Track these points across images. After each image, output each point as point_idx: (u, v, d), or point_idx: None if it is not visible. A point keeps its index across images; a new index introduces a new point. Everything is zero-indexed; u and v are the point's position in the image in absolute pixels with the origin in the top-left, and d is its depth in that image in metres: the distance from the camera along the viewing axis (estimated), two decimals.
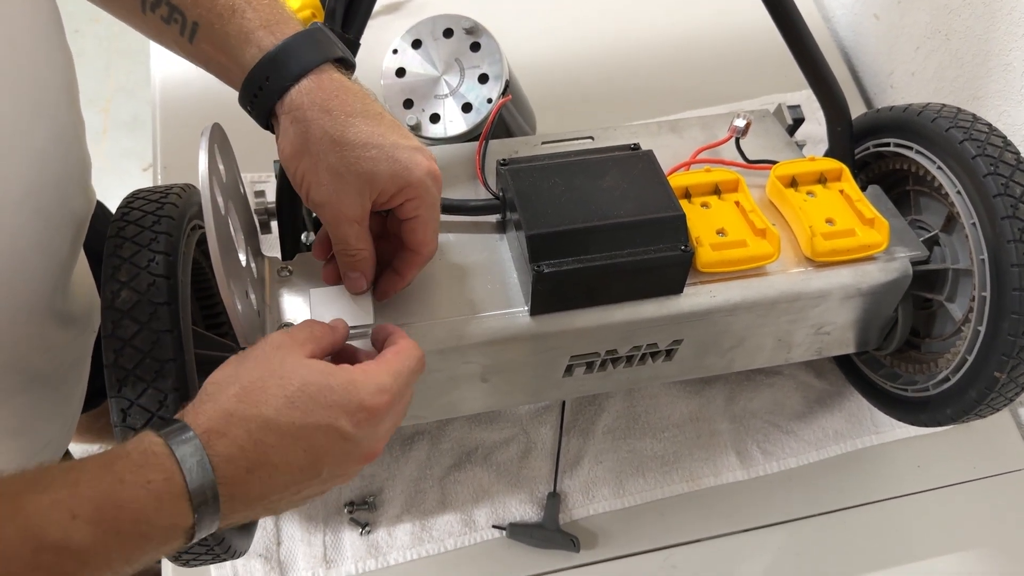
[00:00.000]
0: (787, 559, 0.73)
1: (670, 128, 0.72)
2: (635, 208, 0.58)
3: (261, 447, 0.41)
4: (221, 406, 0.41)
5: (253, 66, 0.50)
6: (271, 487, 0.42)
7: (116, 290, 0.48)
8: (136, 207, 0.53)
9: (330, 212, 0.51)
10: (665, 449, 0.77)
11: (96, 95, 2.11)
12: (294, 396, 0.42)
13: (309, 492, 0.45)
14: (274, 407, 0.42)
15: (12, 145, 0.49)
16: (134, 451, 0.39)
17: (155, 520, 0.38)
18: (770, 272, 0.62)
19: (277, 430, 0.41)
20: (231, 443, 0.40)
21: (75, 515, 0.35)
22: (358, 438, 0.44)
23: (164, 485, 0.38)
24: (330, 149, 0.49)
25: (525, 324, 0.59)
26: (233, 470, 0.40)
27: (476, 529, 0.73)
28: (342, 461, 0.45)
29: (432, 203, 0.52)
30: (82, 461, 0.38)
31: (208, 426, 0.40)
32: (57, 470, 0.37)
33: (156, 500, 0.38)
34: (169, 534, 0.39)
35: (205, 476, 0.39)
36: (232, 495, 0.40)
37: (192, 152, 0.49)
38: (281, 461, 0.42)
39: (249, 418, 0.41)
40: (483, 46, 0.72)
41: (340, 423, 0.43)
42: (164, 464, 0.38)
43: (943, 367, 0.67)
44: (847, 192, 0.65)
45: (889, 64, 1.01)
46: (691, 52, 1.07)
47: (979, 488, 0.78)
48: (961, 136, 0.62)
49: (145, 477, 0.38)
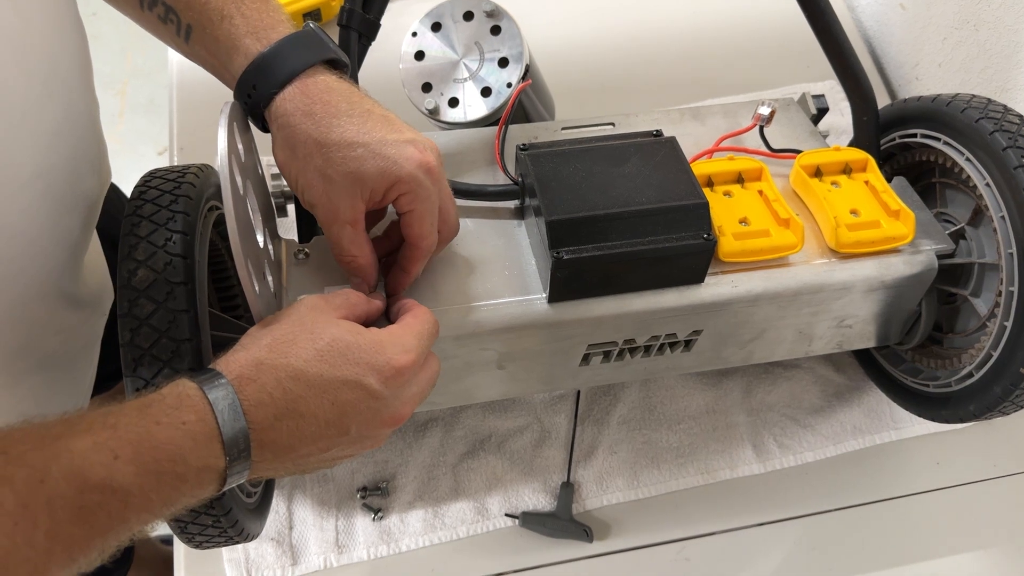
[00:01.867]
0: (802, 554, 0.73)
1: (692, 115, 0.71)
2: (657, 195, 0.57)
3: (290, 396, 0.42)
4: (252, 355, 0.43)
5: (241, 74, 0.50)
6: (299, 438, 0.43)
7: (133, 269, 0.48)
8: (153, 186, 0.53)
9: (322, 213, 0.51)
10: (680, 441, 0.77)
11: (113, 78, 2.12)
12: (323, 350, 0.44)
13: (338, 452, 0.46)
14: (303, 358, 0.43)
15: (23, 124, 0.49)
16: (169, 395, 0.40)
17: (191, 460, 0.39)
18: (793, 263, 0.61)
19: (305, 380, 0.43)
20: (260, 389, 0.42)
21: (116, 455, 0.36)
22: (385, 396, 0.45)
23: (198, 426, 0.39)
24: (315, 152, 0.49)
25: (543, 311, 0.58)
26: (263, 415, 0.41)
27: (489, 517, 0.72)
28: (369, 420, 0.45)
29: (426, 196, 0.51)
30: (119, 406, 0.39)
31: (239, 372, 0.42)
32: (96, 414, 0.38)
33: (191, 440, 0.39)
34: (203, 476, 0.40)
35: (236, 419, 0.40)
36: (262, 441, 0.41)
37: (208, 134, 0.49)
38: (308, 411, 0.43)
39: (279, 367, 0.42)
40: (503, 29, 0.71)
41: (367, 379, 0.44)
42: (197, 406, 0.40)
43: (966, 363, 0.66)
44: (872, 183, 0.64)
45: (915, 55, 0.99)
46: (712, 40, 1.06)
47: (999, 486, 0.77)
48: (991, 127, 0.61)
49: (180, 418, 0.39)
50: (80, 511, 0.35)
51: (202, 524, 0.52)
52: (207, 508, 0.50)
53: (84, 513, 0.35)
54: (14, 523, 0.32)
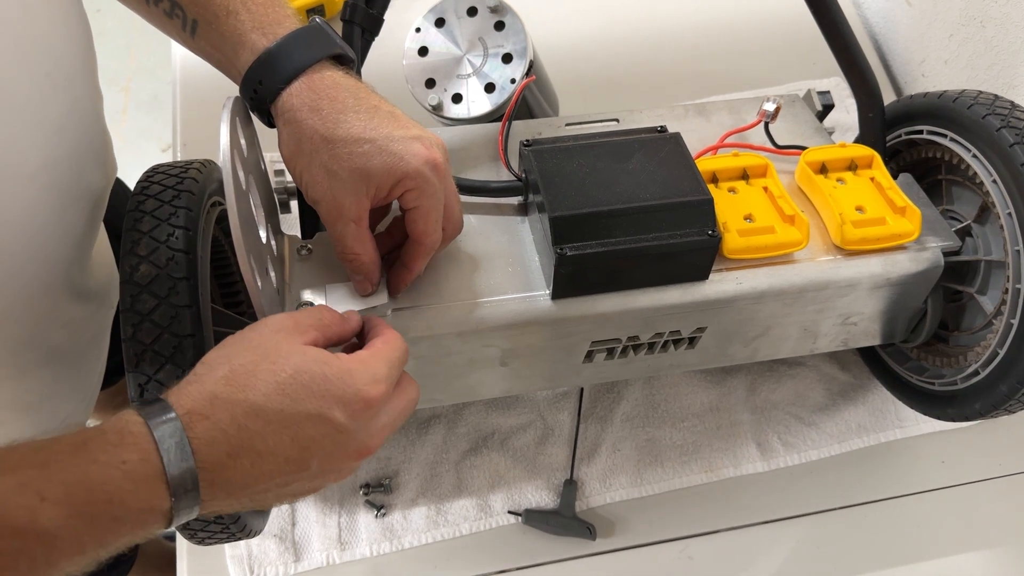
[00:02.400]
0: (806, 552, 0.72)
1: (697, 111, 0.71)
2: (661, 191, 0.56)
3: (245, 433, 0.39)
4: (207, 388, 0.40)
5: (247, 69, 0.49)
6: (255, 476, 0.40)
7: (135, 264, 0.48)
8: (156, 181, 0.52)
9: (326, 210, 0.50)
10: (684, 439, 0.76)
11: (117, 74, 2.12)
12: (285, 382, 0.41)
13: (298, 487, 0.43)
14: (263, 392, 0.40)
15: (27, 117, 0.48)
16: (110, 430, 0.37)
17: (129, 502, 0.36)
18: (798, 260, 0.60)
19: (263, 416, 0.40)
20: (213, 426, 0.39)
21: (43, 497, 0.34)
22: (352, 430, 0.43)
23: (140, 466, 0.36)
24: (322, 148, 0.48)
25: (546, 308, 0.58)
26: (214, 454, 0.38)
27: (492, 514, 0.72)
28: (333, 454, 0.43)
29: (432, 192, 0.51)
30: (53, 440, 0.36)
31: (191, 407, 0.39)
32: (26, 449, 0.35)
33: (131, 482, 0.36)
34: (145, 518, 0.37)
35: (184, 458, 0.37)
36: (212, 480, 0.39)
37: (212, 130, 0.48)
38: (266, 449, 0.40)
39: (235, 402, 0.39)
40: (507, 25, 0.71)
41: (333, 413, 0.41)
42: (140, 444, 0.37)
43: (972, 361, 0.65)
44: (878, 180, 0.64)
45: (921, 52, 0.98)
46: (717, 37, 1.05)
47: (1004, 485, 0.76)
48: (998, 123, 0.60)
49: (120, 457, 0.36)
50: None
51: (204, 520, 0.52)
52: None
53: (4, 559, 0.32)
54: None
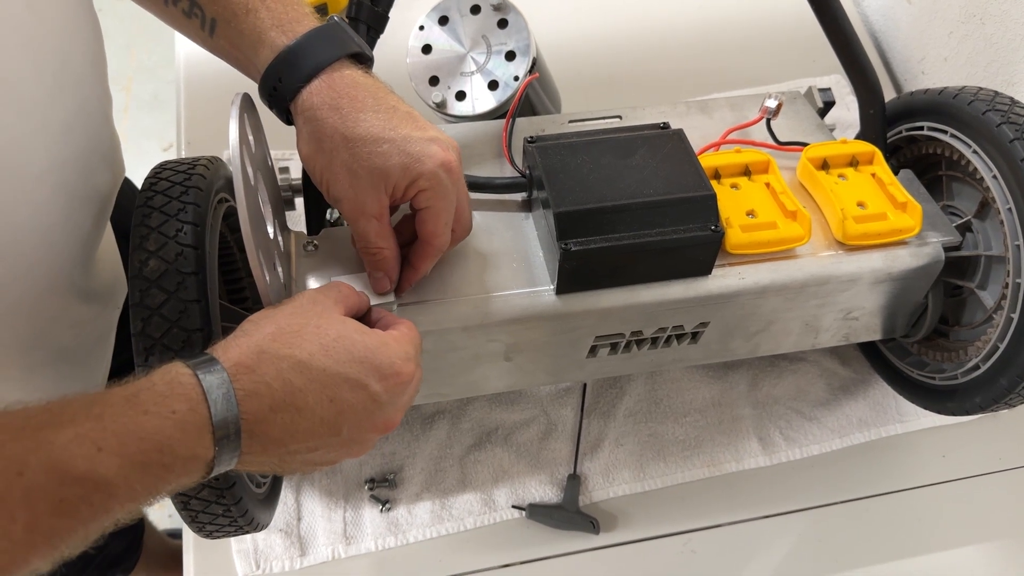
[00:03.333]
0: (808, 546, 0.73)
1: (699, 108, 0.71)
2: (665, 187, 0.57)
3: (288, 388, 0.41)
4: (255, 342, 0.42)
5: (266, 67, 0.50)
6: (291, 432, 0.42)
7: (144, 259, 0.48)
8: (164, 177, 0.53)
9: (347, 207, 0.51)
10: (687, 433, 0.77)
11: (117, 74, 2.12)
12: (329, 345, 0.43)
13: (323, 454, 0.45)
14: (308, 351, 0.42)
15: (35, 118, 0.49)
16: (160, 381, 0.39)
17: (178, 450, 0.38)
18: (800, 255, 0.61)
19: (307, 373, 0.42)
20: (258, 379, 0.40)
21: (100, 447, 0.35)
22: (383, 401, 0.45)
23: (188, 415, 0.38)
24: (342, 146, 0.49)
25: (550, 303, 0.58)
26: (257, 406, 0.40)
27: (496, 509, 0.72)
28: (363, 422, 0.45)
29: (444, 194, 0.51)
30: (106, 393, 0.38)
31: (238, 359, 0.41)
32: (80, 403, 0.37)
33: (180, 430, 0.38)
34: (189, 465, 0.39)
35: (229, 408, 0.39)
36: (253, 432, 0.40)
37: (216, 128, 0.49)
38: (305, 406, 0.42)
39: (281, 357, 0.41)
40: (511, 23, 0.71)
41: (370, 381, 0.44)
42: (189, 394, 0.39)
43: (973, 355, 0.66)
44: (879, 176, 0.64)
45: (921, 49, 0.99)
46: (718, 35, 1.06)
47: (1004, 479, 0.77)
48: (998, 119, 0.61)
49: (170, 407, 0.38)
50: (61, 503, 0.34)
51: (213, 513, 0.52)
52: (218, 498, 0.50)
53: (65, 506, 0.34)
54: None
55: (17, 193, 0.48)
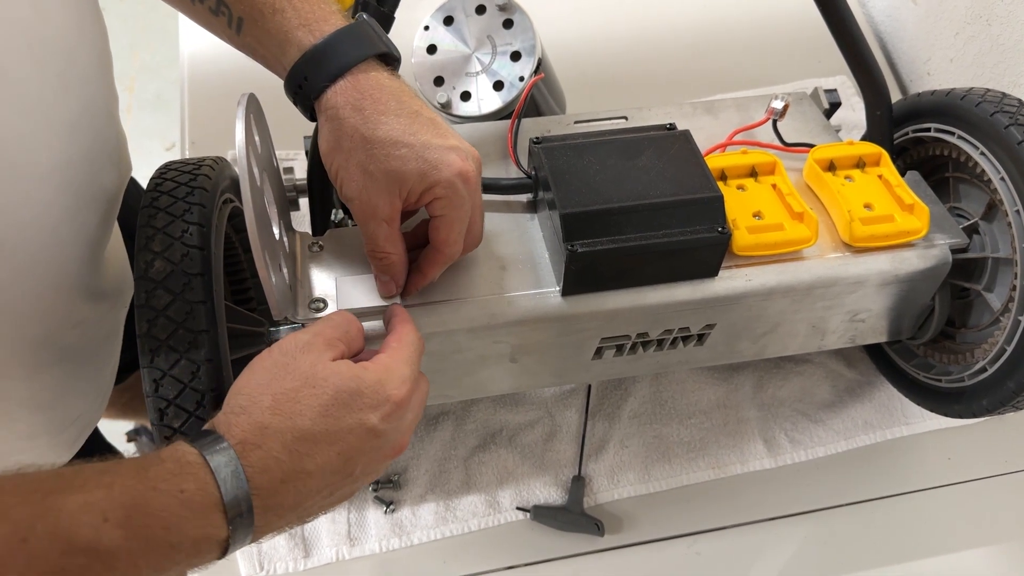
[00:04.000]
0: (813, 549, 0.72)
1: (705, 109, 0.71)
2: (671, 188, 0.57)
3: (296, 456, 0.41)
4: (255, 419, 0.41)
5: (292, 66, 0.50)
6: (305, 494, 0.42)
7: (150, 260, 0.48)
8: (169, 178, 0.53)
9: (359, 208, 0.51)
10: (692, 435, 0.76)
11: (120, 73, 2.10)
12: (328, 405, 0.42)
13: (341, 493, 0.45)
14: (309, 417, 0.42)
15: (40, 117, 0.48)
16: (168, 459, 0.39)
17: (186, 530, 0.37)
18: (807, 257, 0.61)
19: (311, 439, 0.42)
20: (266, 454, 0.40)
21: (106, 518, 0.35)
22: (387, 432, 0.45)
23: (197, 495, 0.38)
24: (360, 147, 0.49)
25: (556, 304, 0.58)
26: (268, 480, 0.40)
27: (500, 510, 0.72)
28: (373, 458, 0.45)
29: (459, 204, 0.51)
30: (117, 463, 0.38)
31: (243, 438, 0.40)
32: (91, 470, 0.37)
33: (188, 510, 0.37)
34: (200, 546, 0.38)
35: (240, 486, 0.39)
36: (266, 506, 0.40)
37: (220, 128, 0.49)
38: (315, 468, 0.42)
39: (284, 430, 0.41)
40: (516, 23, 0.71)
41: (370, 420, 0.43)
42: (198, 474, 0.38)
43: (979, 357, 0.66)
44: (886, 177, 0.64)
45: (927, 50, 0.99)
46: (722, 36, 1.05)
47: (1010, 482, 0.76)
48: (1007, 121, 0.60)
49: (179, 486, 0.38)
50: (60, 573, 0.33)
51: None
52: None
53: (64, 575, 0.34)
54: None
55: (23, 192, 0.48)
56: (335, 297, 0.56)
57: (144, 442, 1.47)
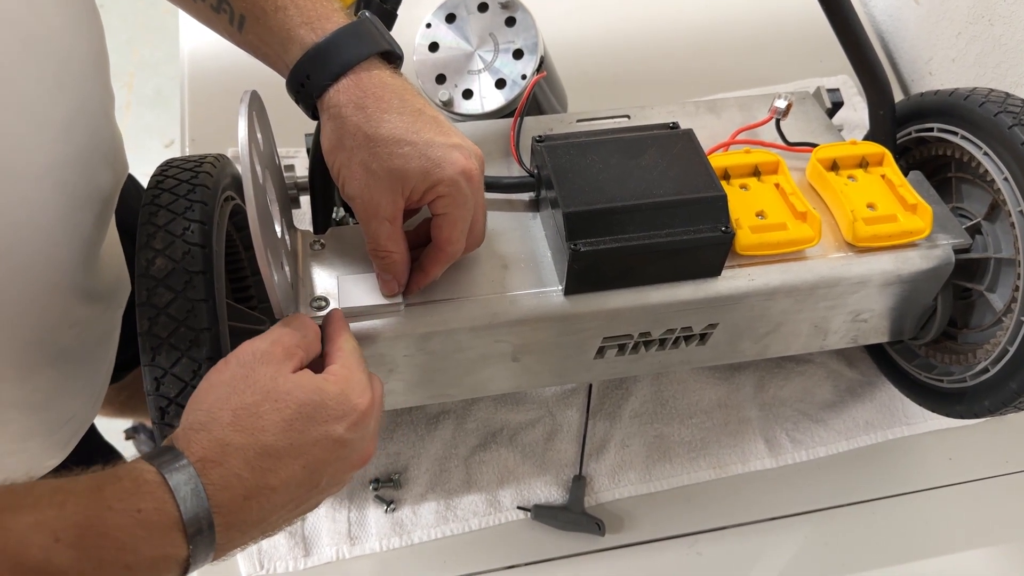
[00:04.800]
0: (814, 549, 0.72)
1: (708, 108, 0.71)
2: (674, 187, 0.56)
3: (258, 473, 0.40)
4: (216, 436, 0.40)
5: (295, 64, 0.50)
6: (269, 510, 0.41)
7: (151, 258, 0.48)
8: (171, 175, 0.52)
9: (361, 206, 0.51)
10: (693, 435, 0.76)
11: (119, 70, 2.12)
12: (291, 418, 0.42)
13: (308, 505, 0.45)
14: (272, 433, 0.41)
15: (32, 117, 0.48)
16: (125, 477, 0.37)
17: (142, 550, 0.36)
18: (810, 256, 0.61)
19: (274, 455, 0.41)
20: (227, 471, 0.39)
21: (58, 538, 0.34)
22: (353, 441, 0.44)
23: (155, 515, 0.37)
24: (363, 145, 0.49)
25: (559, 304, 0.58)
26: (229, 498, 0.39)
27: (501, 510, 0.72)
28: (340, 467, 0.44)
29: (463, 202, 0.51)
30: (71, 481, 0.37)
31: (203, 455, 0.39)
32: (45, 488, 0.35)
33: (145, 529, 0.36)
34: (159, 565, 0.37)
35: (200, 505, 0.38)
36: (229, 524, 0.39)
37: (220, 125, 0.49)
38: (279, 483, 0.41)
39: (247, 447, 0.40)
40: (518, 21, 0.71)
41: (335, 431, 0.43)
42: (156, 493, 0.37)
43: (981, 358, 0.65)
44: (889, 177, 0.64)
45: (928, 50, 0.99)
46: (724, 35, 1.05)
47: (1012, 483, 0.76)
48: (1011, 121, 0.60)
49: (135, 505, 0.36)
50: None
51: None
52: None
53: None
54: None
55: (16, 192, 0.48)
56: (336, 295, 0.56)
57: (142, 439, 1.47)
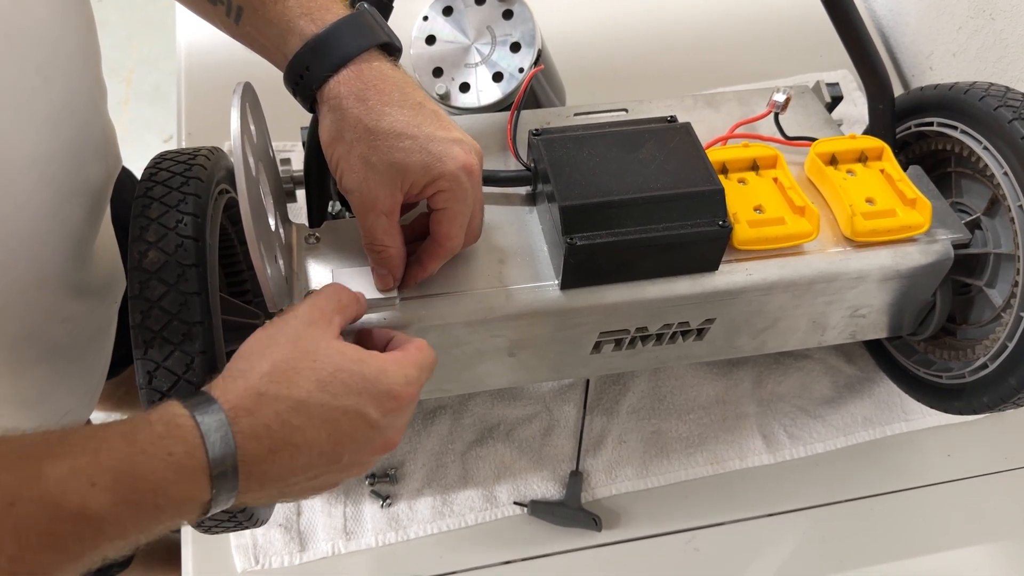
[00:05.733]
0: (811, 545, 0.72)
1: (706, 102, 0.71)
2: (672, 181, 0.56)
3: (287, 428, 0.41)
4: (252, 385, 0.41)
5: (294, 55, 0.49)
6: (290, 469, 0.42)
7: (144, 250, 0.47)
8: (164, 168, 0.52)
9: (358, 200, 0.50)
10: (690, 431, 0.76)
11: (118, 65, 2.11)
12: (326, 380, 0.42)
13: (325, 480, 0.45)
14: (305, 389, 0.42)
15: (18, 109, 0.48)
16: (157, 421, 0.38)
17: (172, 492, 0.37)
18: (808, 251, 0.60)
19: (305, 411, 0.41)
20: (256, 422, 0.40)
21: (94, 483, 0.35)
22: (382, 426, 0.44)
23: (185, 458, 0.38)
24: (363, 138, 0.48)
25: (555, 298, 0.57)
26: (256, 448, 0.40)
27: (497, 505, 0.72)
28: (363, 448, 0.45)
29: (462, 198, 0.51)
30: (104, 427, 0.37)
31: (236, 403, 0.40)
32: (78, 436, 0.36)
33: (175, 472, 0.37)
34: (184, 507, 0.38)
35: (227, 451, 0.39)
36: (251, 473, 0.40)
37: (217, 120, 0.48)
38: (304, 443, 0.41)
39: (280, 398, 0.41)
40: (516, 14, 0.70)
41: (367, 409, 0.43)
42: (187, 437, 0.38)
43: (980, 354, 0.65)
44: (888, 171, 0.64)
45: (929, 44, 0.98)
46: (723, 29, 1.05)
47: (1010, 479, 0.76)
48: (1010, 115, 0.60)
49: (166, 449, 0.37)
50: (50, 538, 0.33)
51: None
52: None
53: (54, 540, 0.33)
54: None
55: (1, 185, 0.47)
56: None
57: None
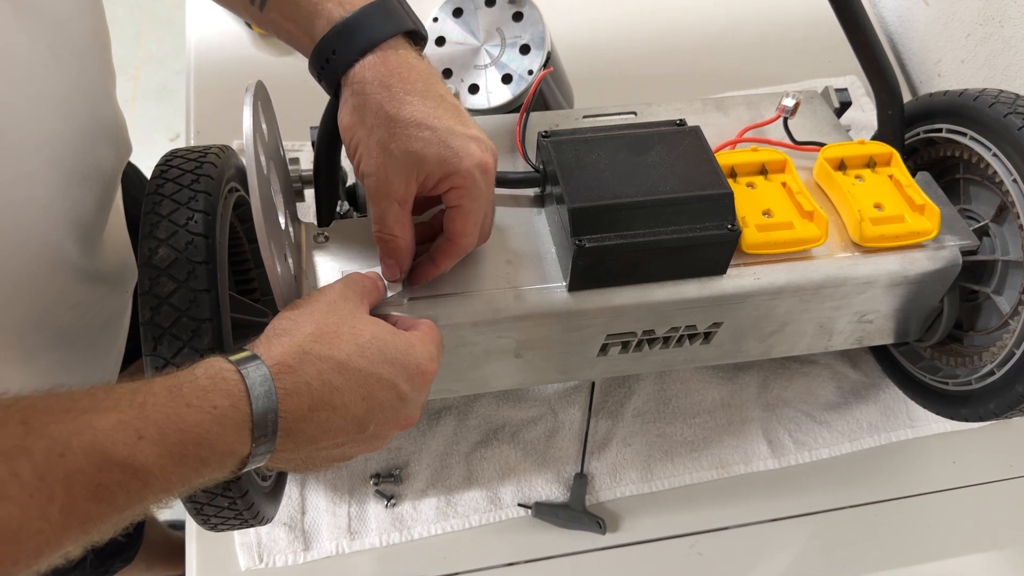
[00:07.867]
0: (815, 551, 0.72)
1: (715, 106, 0.71)
2: (681, 184, 0.56)
3: (327, 387, 0.42)
4: (296, 343, 0.43)
5: (321, 39, 0.49)
6: (324, 430, 0.43)
7: (154, 247, 0.47)
8: (175, 165, 0.52)
9: (374, 185, 0.50)
10: (695, 434, 0.76)
11: (126, 63, 2.11)
12: (364, 345, 0.45)
13: (348, 449, 0.46)
14: (346, 352, 0.44)
15: (30, 89, 0.48)
16: (203, 375, 0.39)
17: (216, 445, 0.38)
18: (816, 256, 0.60)
19: (345, 373, 0.43)
20: (299, 379, 0.41)
21: (141, 435, 0.36)
22: (409, 399, 0.47)
23: (230, 411, 0.39)
24: (383, 124, 0.49)
25: (563, 300, 0.58)
26: (296, 404, 0.41)
27: (501, 507, 0.72)
28: (389, 418, 0.46)
29: (477, 195, 0.51)
30: (149, 383, 0.38)
31: (280, 359, 0.42)
32: (124, 390, 0.37)
33: (219, 425, 0.38)
34: (225, 460, 0.39)
35: (270, 406, 0.40)
36: (289, 430, 0.41)
37: (225, 117, 0.48)
38: (341, 404, 0.43)
39: (323, 358, 0.43)
40: (526, 16, 0.71)
41: (398, 380, 0.45)
42: (232, 390, 0.39)
43: (987, 361, 0.65)
44: (897, 177, 0.64)
45: (937, 51, 0.98)
46: (733, 34, 1.05)
47: (1016, 487, 0.76)
48: (1020, 123, 0.60)
49: (212, 402, 0.38)
50: (98, 488, 0.34)
51: (218, 506, 0.51)
52: (224, 491, 0.50)
53: (102, 491, 0.34)
54: (29, 495, 0.32)
55: (10, 165, 0.47)
56: None
57: None
